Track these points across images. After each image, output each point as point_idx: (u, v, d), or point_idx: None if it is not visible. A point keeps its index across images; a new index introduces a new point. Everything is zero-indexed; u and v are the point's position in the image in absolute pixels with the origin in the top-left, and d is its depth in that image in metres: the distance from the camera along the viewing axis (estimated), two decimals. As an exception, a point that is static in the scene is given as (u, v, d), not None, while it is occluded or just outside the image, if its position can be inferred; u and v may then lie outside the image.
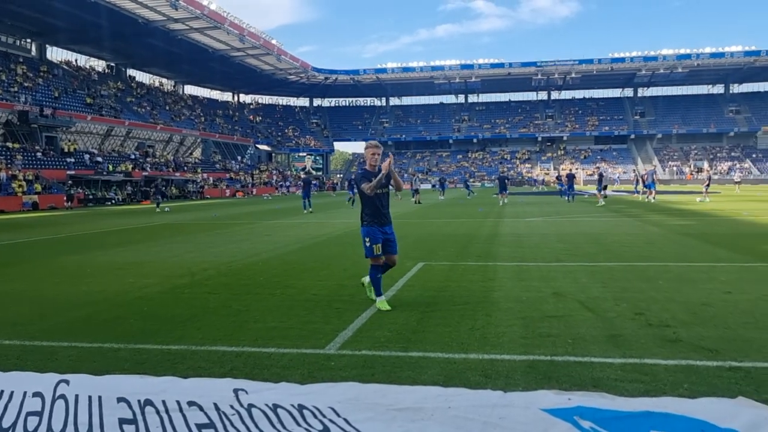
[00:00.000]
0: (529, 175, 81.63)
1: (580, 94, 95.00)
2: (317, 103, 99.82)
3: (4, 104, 44.53)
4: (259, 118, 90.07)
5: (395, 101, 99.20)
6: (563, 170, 46.98)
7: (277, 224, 19.62)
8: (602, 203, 26.39)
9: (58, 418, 3.22)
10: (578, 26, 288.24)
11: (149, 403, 3.31)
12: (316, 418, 3.18)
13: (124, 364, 4.65)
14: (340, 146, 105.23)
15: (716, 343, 4.83)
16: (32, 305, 7.10)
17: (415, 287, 7.55)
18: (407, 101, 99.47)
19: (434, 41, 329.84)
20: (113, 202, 44.70)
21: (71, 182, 42.54)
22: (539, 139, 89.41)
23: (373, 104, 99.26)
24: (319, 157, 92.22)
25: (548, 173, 78.83)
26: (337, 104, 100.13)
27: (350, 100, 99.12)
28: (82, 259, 11.53)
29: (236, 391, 3.33)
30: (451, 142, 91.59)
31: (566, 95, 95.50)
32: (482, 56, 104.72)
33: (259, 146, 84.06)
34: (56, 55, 61.46)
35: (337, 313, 6.19)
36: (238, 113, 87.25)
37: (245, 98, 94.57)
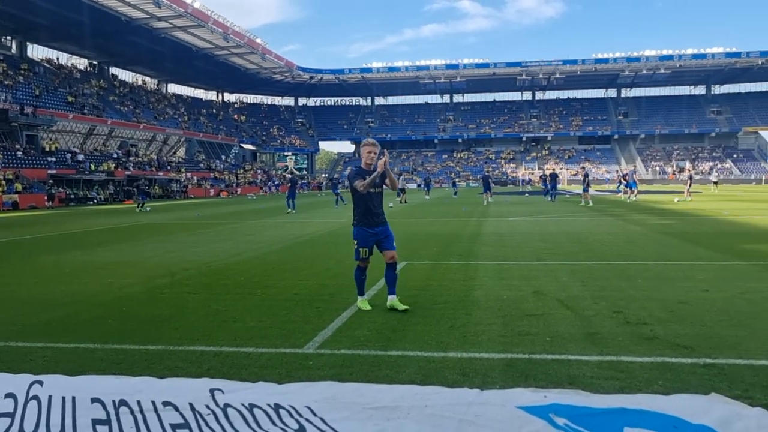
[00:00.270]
0: (513, 174, 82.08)
1: (564, 94, 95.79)
2: (302, 102, 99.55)
3: (-17, 102, 43.86)
4: (243, 117, 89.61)
5: (380, 101, 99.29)
6: (548, 170, 47.33)
7: (260, 224, 19.54)
8: (587, 203, 26.50)
9: (30, 419, 3.18)
10: (563, 27, 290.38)
11: (124, 403, 3.28)
12: (292, 417, 3.17)
13: (100, 364, 4.60)
14: (325, 146, 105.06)
15: (692, 340, 4.89)
16: (8, 306, 7.00)
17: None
18: (393, 101, 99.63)
19: (420, 41, 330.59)
20: (95, 201, 44.20)
21: (52, 181, 42.02)
22: (524, 139, 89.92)
23: (358, 104, 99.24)
24: (303, 156, 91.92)
25: (533, 173, 79.29)
26: (322, 104, 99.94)
27: (335, 99, 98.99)
28: (60, 259, 11.39)
29: (212, 390, 3.31)
30: (436, 141, 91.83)
31: (551, 95, 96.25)
32: (468, 56, 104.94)
33: (243, 145, 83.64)
34: (37, 52, 60.70)
35: (317, 312, 6.17)
36: (222, 112, 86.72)
37: (230, 97, 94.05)
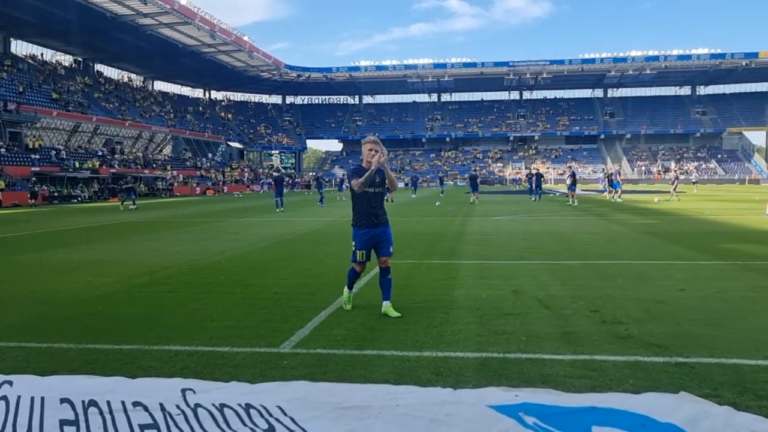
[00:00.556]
0: (500, 174, 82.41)
1: (551, 94, 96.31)
2: (290, 100, 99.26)
3: (-35, 99, 43.33)
4: (230, 115, 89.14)
5: (368, 99, 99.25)
6: (534, 169, 47.77)
7: (245, 222, 19.46)
8: (573, 202, 26.63)
9: (-4, 420, 3.14)
10: (550, 27, 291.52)
11: (93, 403, 3.26)
12: (262, 417, 3.16)
13: (72, 364, 4.56)
14: (313, 144, 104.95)
15: (665, 339, 4.93)
16: (-17, 305, 6.91)
17: (375, 286, 7.49)
18: (381, 99, 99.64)
19: (408, 40, 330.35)
20: (79, 199, 43.77)
21: (35, 179, 41.56)
22: (511, 138, 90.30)
23: (346, 102, 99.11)
24: (290, 155, 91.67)
25: (519, 172, 79.64)
26: (310, 102, 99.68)
27: (323, 97, 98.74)
28: (40, 257, 11.27)
29: (184, 390, 3.29)
30: (424, 140, 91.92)
31: (538, 95, 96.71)
32: (456, 56, 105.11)
33: (230, 143, 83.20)
34: (21, 48, 60.02)
35: (296, 311, 6.15)
36: (209, 110, 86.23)
37: (217, 95, 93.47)
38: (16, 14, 49.77)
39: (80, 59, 66.72)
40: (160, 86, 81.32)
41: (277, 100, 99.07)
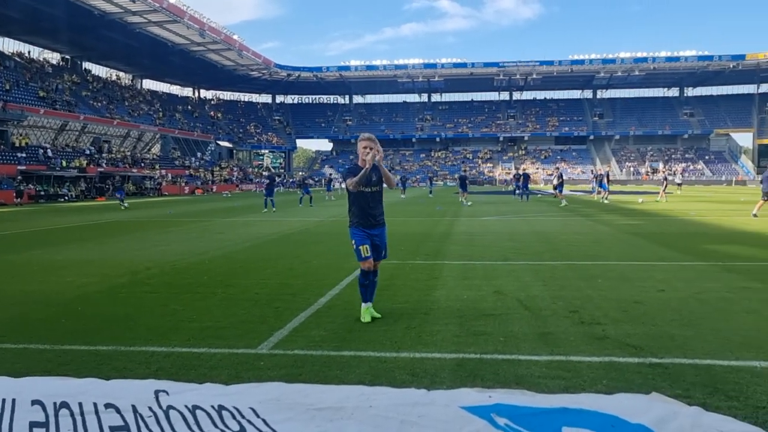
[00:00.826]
0: (490, 174, 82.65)
1: (541, 94, 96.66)
2: (280, 99, 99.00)
3: (-50, 96, 42.88)
4: (220, 114, 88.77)
5: (359, 99, 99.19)
6: (521, 170, 47.95)
7: (232, 222, 19.38)
8: (564, 203, 26.71)
9: (-33, 422, 3.11)
10: (540, 28, 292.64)
11: (65, 405, 3.24)
12: (234, 418, 3.15)
13: (47, 365, 4.53)
14: (303, 144, 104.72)
15: (641, 340, 4.96)
16: (-39, 305, 6.84)
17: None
18: (371, 99, 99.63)
19: (399, 40, 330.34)
20: (66, 198, 43.43)
21: (21, 178, 41.19)
22: (501, 138, 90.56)
23: (336, 102, 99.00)
24: (280, 154, 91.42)
25: (509, 172, 79.92)
26: (300, 101, 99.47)
27: (313, 97, 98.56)
28: (22, 257, 11.17)
29: (157, 392, 3.28)
30: (414, 141, 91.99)
31: (527, 96, 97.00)
32: (446, 56, 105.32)
33: (220, 143, 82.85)
34: (8, 46, 59.41)
35: (276, 312, 6.14)
36: (198, 109, 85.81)
37: (206, 94, 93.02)
38: (2, 11, 49.29)
39: (68, 57, 66.22)
40: (148, 85, 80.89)
41: (267, 99, 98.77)
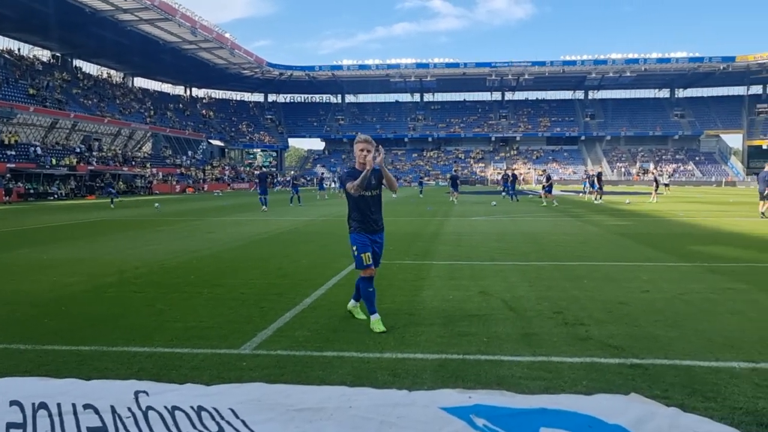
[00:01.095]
0: (482, 174, 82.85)
1: (533, 95, 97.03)
2: (272, 98, 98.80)
3: (-62, 93, 42.49)
4: (212, 112, 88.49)
5: (351, 98, 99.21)
6: (510, 171, 48.27)
7: (222, 221, 19.31)
8: (551, 203, 26.80)
9: (-58, 423, 3.09)
10: (533, 28, 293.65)
11: (43, 406, 3.22)
12: (213, 419, 3.14)
13: (27, 365, 4.50)
14: (295, 143, 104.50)
15: (623, 340, 4.99)
16: (-56, 305, 6.79)
17: (345, 286, 7.52)
18: (363, 99, 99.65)
19: (392, 39, 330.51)
20: (56, 197, 43.17)
21: (10, 176, 40.89)
22: (493, 139, 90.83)
23: (328, 101, 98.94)
24: (271, 153, 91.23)
25: (501, 173, 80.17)
26: (292, 100, 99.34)
27: (306, 96, 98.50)
28: (7, 256, 11.08)
29: (137, 393, 3.26)
30: (406, 140, 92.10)
31: (519, 96, 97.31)
32: (439, 56, 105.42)
33: (211, 141, 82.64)
34: (-3, 43, 59.04)
35: (261, 312, 6.13)
36: (190, 107, 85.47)
37: (198, 92, 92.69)
38: (-8, 8, 49.00)
39: (58, 54, 65.77)
40: (140, 83, 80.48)
41: (259, 98, 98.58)
